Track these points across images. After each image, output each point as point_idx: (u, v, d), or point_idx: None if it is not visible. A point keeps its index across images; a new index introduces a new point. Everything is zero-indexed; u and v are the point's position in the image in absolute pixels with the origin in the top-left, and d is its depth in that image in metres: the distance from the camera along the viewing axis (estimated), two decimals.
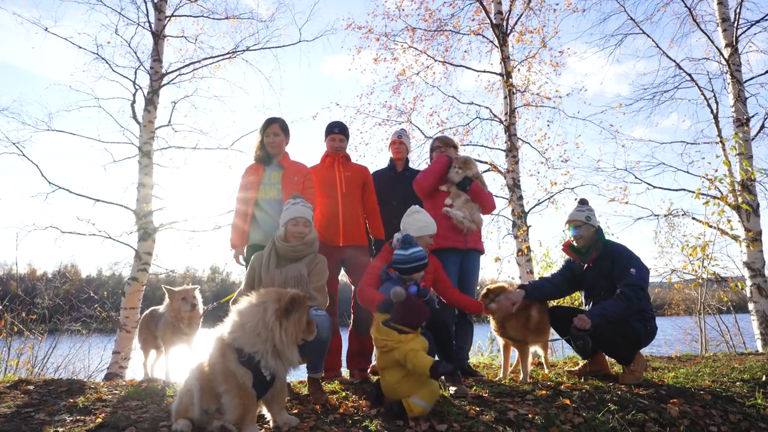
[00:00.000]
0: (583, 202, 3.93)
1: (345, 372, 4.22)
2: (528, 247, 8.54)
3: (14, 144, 8.17)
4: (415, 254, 3.28)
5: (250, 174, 4.02)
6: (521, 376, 3.72)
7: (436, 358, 3.37)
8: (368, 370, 4.09)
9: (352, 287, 4.03)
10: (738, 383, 3.63)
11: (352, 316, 4.13)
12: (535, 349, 4.12)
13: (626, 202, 8.26)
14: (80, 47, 8.80)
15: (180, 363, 3.78)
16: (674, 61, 8.98)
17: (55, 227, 8.13)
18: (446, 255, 3.92)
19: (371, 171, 4.49)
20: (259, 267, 3.22)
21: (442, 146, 4.35)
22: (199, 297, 3.76)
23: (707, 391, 3.36)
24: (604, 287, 3.68)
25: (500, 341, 3.94)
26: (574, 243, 3.83)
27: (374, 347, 3.52)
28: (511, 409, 2.89)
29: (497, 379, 3.83)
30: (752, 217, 7.63)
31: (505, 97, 9.27)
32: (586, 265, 3.81)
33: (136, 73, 8.88)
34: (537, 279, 3.99)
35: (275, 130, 4.01)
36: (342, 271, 4.27)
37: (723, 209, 7.35)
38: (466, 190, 4.02)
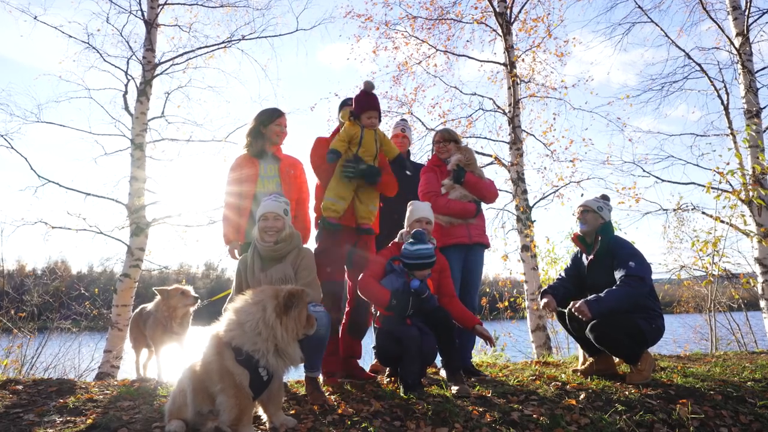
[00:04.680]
0: (604, 198, 3.96)
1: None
2: (534, 245, 8.33)
3: (2, 136, 8.11)
4: (419, 251, 3.30)
5: (244, 167, 3.83)
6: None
7: (439, 357, 3.43)
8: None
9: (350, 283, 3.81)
10: (749, 383, 3.58)
11: (349, 316, 3.83)
12: None
13: (638, 201, 8.03)
14: (70, 36, 8.72)
15: (172, 362, 3.74)
16: (683, 50, 8.78)
17: (45, 222, 8.06)
18: (449, 252, 3.91)
19: None
20: (244, 271, 3.17)
21: (441, 141, 4.27)
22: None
23: (717, 391, 3.31)
24: (606, 282, 3.62)
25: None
26: (580, 232, 3.87)
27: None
28: (516, 410, 2.85)
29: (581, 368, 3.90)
30: (764, 212, 7.43)
31: (509, 88, 9.05)
32: (589, 259, 3.80)
33: (128, 62, 8.79)
34: (556, 284, 4.00)
35: (284, 122, 3.89)
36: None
37: (735, 204, 7.14)
38: (461, 183, 3.99)
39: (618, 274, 3.54)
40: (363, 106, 3.63)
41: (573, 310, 3.47)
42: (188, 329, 3.74)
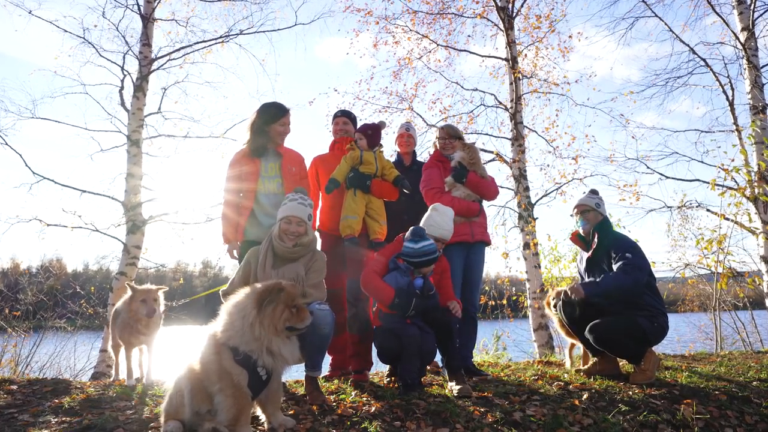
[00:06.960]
0: (594, 192, 3.98)
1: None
2: (535, 243, 8.22)
3: None
4: (424, 248, 3.27)
5: (244, 164, 3.73)
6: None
7: (439, 356, 3.42)
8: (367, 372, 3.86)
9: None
10: (755, 383, 3.56)
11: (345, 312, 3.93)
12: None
13: (638, 198, 7.94)
14: (66, 31, 8.58)
15: (160, 361, 3.66)
16: (688, 45, 8.70)
17: (39, 219, 7.91)
18: (451, 250, 3.86)
19: None
20: (255, 264, 3.12)
21: (447, 138, 4.23)
22: (161, 299, 3.55)
23: (722, 391, 3.29)
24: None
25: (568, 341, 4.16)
26: (581, 232, 3.86)
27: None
28: (517, 410, 2.82)
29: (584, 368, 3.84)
30: None
31: (511, 83, 8.96)
32: (588, 256, 3.79)
33: (124, 58, 8.62)
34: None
35: (288, 120, 3.81)
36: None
37: (740, 201, 7.04)
38: (463, 182, 3.97)
39: (615, 266, 3.54)
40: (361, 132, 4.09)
41: (568, 290, 3.52)
42: (158, 330, 3.58)
